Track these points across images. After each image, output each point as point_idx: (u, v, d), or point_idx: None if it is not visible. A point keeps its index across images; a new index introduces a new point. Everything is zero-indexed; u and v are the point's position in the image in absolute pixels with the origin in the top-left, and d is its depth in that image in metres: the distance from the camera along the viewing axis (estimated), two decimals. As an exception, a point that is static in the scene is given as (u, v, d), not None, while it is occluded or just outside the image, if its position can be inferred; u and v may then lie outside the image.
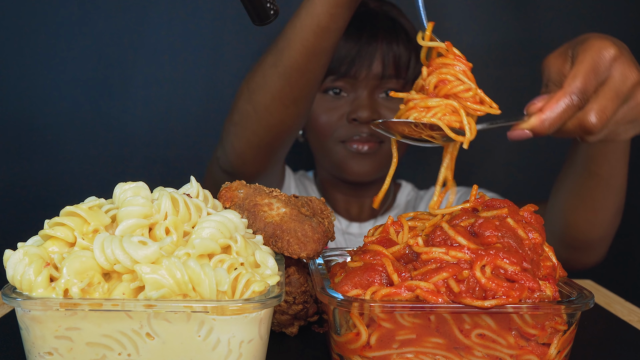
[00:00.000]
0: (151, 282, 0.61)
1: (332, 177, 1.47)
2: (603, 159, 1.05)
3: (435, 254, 0.69)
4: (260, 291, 0.64)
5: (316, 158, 1.49)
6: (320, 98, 1.37)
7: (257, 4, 0.87)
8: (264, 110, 1.12)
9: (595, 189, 1.09)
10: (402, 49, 1.34)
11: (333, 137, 1.37)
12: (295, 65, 1.06)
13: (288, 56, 1.06)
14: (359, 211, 1.51)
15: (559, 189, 1.17)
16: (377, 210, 1.50)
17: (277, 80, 1.08)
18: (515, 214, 0.74)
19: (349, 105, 1.35)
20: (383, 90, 1.36)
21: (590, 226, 1.14)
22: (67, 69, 1.61)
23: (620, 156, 1.06)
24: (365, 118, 1.32)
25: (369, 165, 1.38)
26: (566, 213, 1.15)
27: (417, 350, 0.67)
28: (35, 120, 1.62)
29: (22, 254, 0.63)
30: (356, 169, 1.37)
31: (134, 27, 1.62)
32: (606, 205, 1.12)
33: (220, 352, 0.63)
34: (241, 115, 1.15)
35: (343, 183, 1.46)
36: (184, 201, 0.70)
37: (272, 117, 1.12)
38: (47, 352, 0.62)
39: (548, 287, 0.69)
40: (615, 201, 1.12)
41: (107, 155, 1.64)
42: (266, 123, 1.12)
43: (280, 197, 0.81)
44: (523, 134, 0.81)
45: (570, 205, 1.14)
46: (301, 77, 1.07)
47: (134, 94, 1.64)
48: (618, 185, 1.09)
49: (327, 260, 0.84)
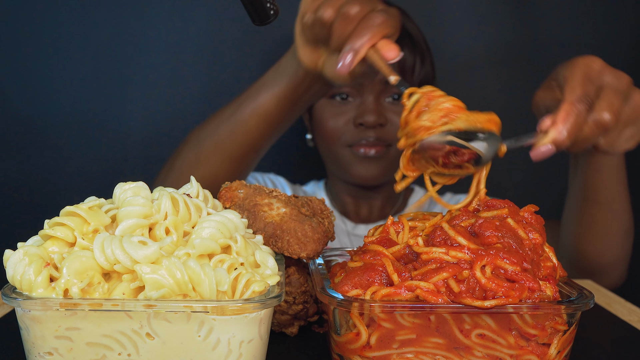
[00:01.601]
0: (151, 282, 0.61)
1: (339, 180, 1.49)
2: (600, 185, 1.06)
3: (435, 254, 0.69)
4: (260, 291, 0.64)
5: (325, 162, 1.50)
6: (327, 103, 1.39)
7: (257, 4, 0.87)
8: (205, 160, 1.13)
9: (598, 216, 1.10)
10: (407, 53, 1.35)
11: (340, 141, 1.38)
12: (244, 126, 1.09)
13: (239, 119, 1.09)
14: (368, 212, 1.52)
15: (565, 218, 1.19)
16: (386, 213, 1.51)
17: (223, 133, 1.11)
18: (516, 214, 0.74)
19: (355, 110, 1.37)
20: (389, 94, 1.37)
21: (600, 252, 1.15)
22: (67, 69, 1.61)
23: (616, 179, 1.06)
24: (371, 122, 1.33)
25: (376, 169, 1.39)
26: (574, 241, 1.16)
27: (417, 350, 0.67)
28: (35, 120, 1.62)
29: (22, 254, 0.63)
30: (363, 172, 1.38)
31: (134, 27, 1.62)
32: (612, 230, 1.12)
33: (220, 352, 0.63)
34: (182, 162, 1.16)
35: (352, 186, 1.47)
36: (184, 201, 0.70)
37: (209, 169, 1.13)
38: (47, 352, 0.62)
39: (548, 287, 0.69)
40: (620, 225, 1.12)
41: (107, 155, 1.64)
42: (202, 173, 1.14)
43: (280, 197, 0.81)
44: (547, 149, 0.79)
45: (577, 234, 1.15)
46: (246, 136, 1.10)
47: (134, 94, 1.64)
48: (621, 209, 1.10)
49: (327, 260, 0.84)
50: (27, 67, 1.61)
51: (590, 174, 1.06)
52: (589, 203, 1.10)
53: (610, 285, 1.20)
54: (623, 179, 1.08)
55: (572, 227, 1.16)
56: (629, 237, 1.16)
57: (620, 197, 1.09)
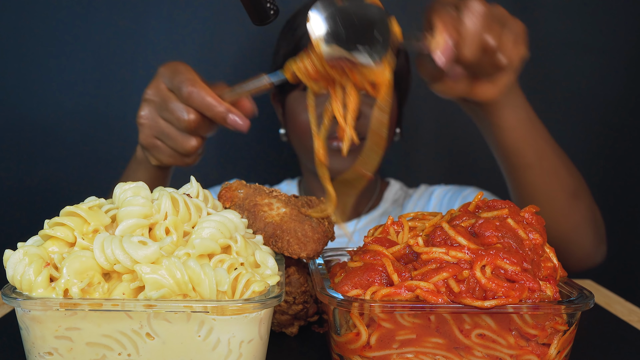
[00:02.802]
0: (151, 282, 0.61)
1: (315, 176, 1.45)
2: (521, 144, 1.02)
3: (435, 254, 0.69)
4: (260, 291, 0.64)
5: (299, 157, 1.48)
6: (300, 96, 1.36)
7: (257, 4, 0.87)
8: None
9: (532, 180, 1.06)
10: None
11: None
12: None
13: None
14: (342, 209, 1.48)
15: (511, 197, 1.14)
16: (361, 210, 1.48)
17: None
18: (516, 214, 0.74)
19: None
20: None
21: (551, 219, 1.04)
22: (67, 68, 1.61)
23: (535, 135, 1.03)
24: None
25: (350, 162, 1.37)
26: None
27: (417, 350, 0.67)
28: (35, 120, 1.62)
29: (22, 254, 0.63)
30: (336, 165, 1.34)
31: (134, 27, 1.62)
32: (554, 193, 1.07)
33: (220, 352, 0.63)
34: None
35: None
36: (184, 201, 0.70)
37: None
38: (47, 352, 0.62)
39: (548, 287, 0.69)
40: (562, 185, 1.07)
41: (107, 155, 1.64)
42: None
43: (280, 197, 0.81)
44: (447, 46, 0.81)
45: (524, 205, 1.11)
46: None
47: (134, 94, 1.63)
48: (555, 167, 1.05)
49: (327, 260, 0.84)
50: (27, 67, 1.61)
51: (505, 136, 1.02)
52: (518, 169, 1.05)
53: (586, 257, 1.12)
54: (544, 133, 1.04)
55: (515, 200, 1.11)
56: (581, 199, 1.10)
57: (548, 154, 1.04)
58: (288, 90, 1.39)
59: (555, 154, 1.06)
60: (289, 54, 1.35)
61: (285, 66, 0.84)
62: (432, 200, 1.47)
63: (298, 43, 1.33)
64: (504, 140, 1.03)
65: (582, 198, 1.10)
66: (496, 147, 1.07)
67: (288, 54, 1.35)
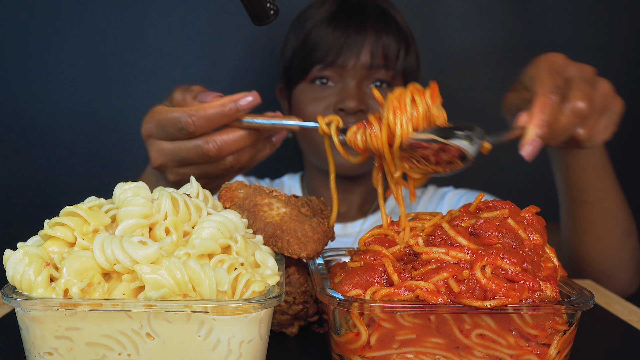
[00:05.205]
0: (151, 282, 0.61)
1: (319, 172, 1.45)
2: (586, 184, 1.05)
3: (435, 254, 0.69)
4: (260, 291, 0.64)
5: (304, 152, 1.47)
6: (306, 88, 1.35)
7: (257, 4, 0.87)
8: None
9: (590, 217, 1.09)
10: (391, 39, 1.32)
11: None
12: None
13: None
14: (347, 209, 1.47)
15: (562, 224, 1.17)
16: (366, 210, 1.48)
17: None
18: (516, 215, 0.74)
19: (336, 95, 1.32)
20: (371, 80, 1.33)
21: (600, 255, 1.13)
22: (67, 68, 1.61)
23: (602, 177, 1.05)
24: (352, 108, 1.28)
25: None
26: (573, 245, 1.15)
27: (417, 350, 0.67)
28: (35, 120, 1.62)
29: (22, 254, 0.63)
30: (342, 160, 1.33)
31: (134, 27, 1.62)
32: (608, 231, 1.11)
33: (220, 352, 0.63)
34: None
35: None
36: (184, 201, 0.70)
37: None
38: (47, 352, 0.62)
39: (548, 287, 0.69)
40: (616, 224, 1.11)
41: (107, 155, 1.64)
42: None
43: (280, 197, 0.81)
44: (535, 143, 0.78)
45: (574, 238, 1.14)
46: None
47: (134, 94, 1.64)
48: (613, 208, 1.09)
49: (327, 260, 0.84)
50: (27, 67, 1.61)
51: (574, 174, 1.05)
52: (578, 204, 1.09)
53: (622, 291, 1.17)
54: (610, 176, 1.07)
55: (568, 231, 1.15)
56: (630, 237, 1.14)
57: (610, 195, 1.07)
58: (295, 83, 1.38)
59: (617, 196, 1.09)
60: (297, 47, 1.35)
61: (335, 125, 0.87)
62: (445, 204, 1.46)
63: (306, 37, 1.33)
64: (569, 177, 1.06)
65: (631, 236, 1.14)
66: (561, 179, 1.10)
67: (296, 47, 1.35)
